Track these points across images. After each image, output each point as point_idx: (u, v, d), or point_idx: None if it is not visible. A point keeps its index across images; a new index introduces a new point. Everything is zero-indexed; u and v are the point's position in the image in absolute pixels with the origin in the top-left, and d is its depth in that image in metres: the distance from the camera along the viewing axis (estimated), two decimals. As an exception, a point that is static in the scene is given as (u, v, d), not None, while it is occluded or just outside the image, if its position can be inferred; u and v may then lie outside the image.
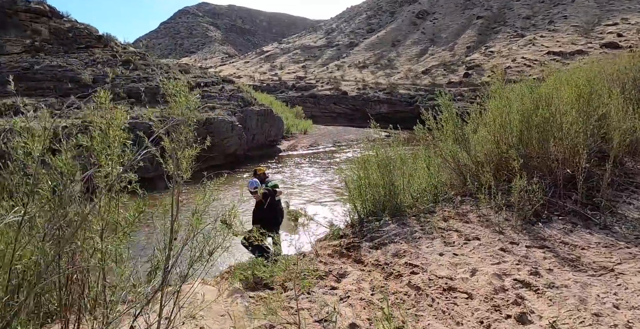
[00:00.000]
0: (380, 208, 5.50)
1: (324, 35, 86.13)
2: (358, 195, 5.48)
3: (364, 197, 5.52)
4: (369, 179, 5.45)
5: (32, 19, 22.68)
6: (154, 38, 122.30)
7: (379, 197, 5.49)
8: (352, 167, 5.93)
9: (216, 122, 16.40)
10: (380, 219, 5.22)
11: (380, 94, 48.18)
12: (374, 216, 5.46)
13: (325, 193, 11.62)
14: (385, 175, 5.44)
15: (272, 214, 5.40)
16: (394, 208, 5.29)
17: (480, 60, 53.54)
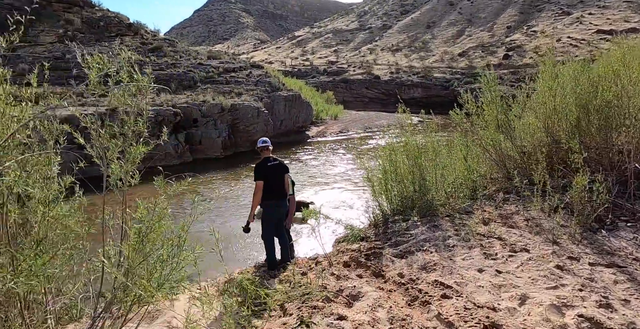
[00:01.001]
0: (408, 206, 4.82)
1: (356, 18, 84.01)
2: (383, 190, 4.82)
3: (389, 193, 4.85)
4: (396, 172, 4.78)
5: (65, 9, 22.95)
6: (188, 26, 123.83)
7: (407, 193, 4.81)
8: (378, 157, 5.26)
9: (241, 108, 15.98)
10: (407, 218, 4.56)
11: (414, 77, 46.51)
12: (400, 214, 4.79)
13: (350, 184, 10.97)
14: (415, 168, 4.74)
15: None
16: (425, 206, 4.60)
17: (521, 40, 50.47)
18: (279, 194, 4.68)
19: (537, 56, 43.69)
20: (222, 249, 6.64)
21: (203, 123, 14.93)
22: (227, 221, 8.42)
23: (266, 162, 4.72)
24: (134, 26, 23.85)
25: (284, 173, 4.86)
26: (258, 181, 4.51)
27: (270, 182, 4.59)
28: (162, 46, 22.05)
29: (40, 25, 21.03)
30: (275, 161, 4.82)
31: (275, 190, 4.63)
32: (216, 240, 2.55)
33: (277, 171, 4.77)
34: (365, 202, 8.17)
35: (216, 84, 18.82)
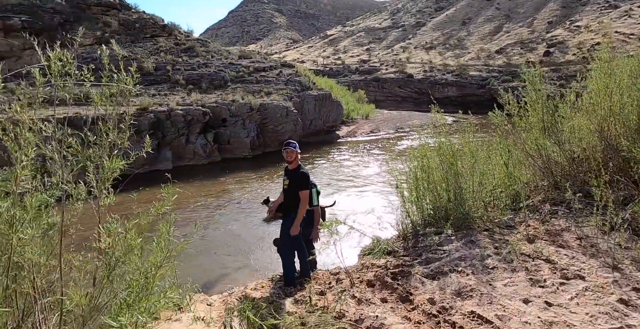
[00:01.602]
0: (441, 216, 4.40)
1: (389, 16, 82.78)
2: (414, 199, 4.42)
3: (420, 201, 4.45)
4: (429, 179, 4.37)
5: (103, 12, 23.66)
6: (223, 27, 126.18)
7: (440, 202, 4.39)
8: (408, 161, 4.86)
9: (270, 107, 15.83)
10: (440, 231, 4.14)
11: (448, 76, 45.19)
12: (432, 226, 4.38)
13: (380, 187, 10.52)
14: (449, 174, 4.31)
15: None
16: (460, 218, 4.17)
17: (563, 36, 48.02)
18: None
19: (582, 52, 41.48)
20: (246, 253, 6.44)
21: (232, 123, 14.88)
22: (255, 223, 8.24)
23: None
24: (168, 27, 24.29)
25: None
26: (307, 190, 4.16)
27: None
28: (194, 46, 22.31)
29: (80, 28, 21.72)
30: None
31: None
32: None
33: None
34: (394, 209, 7.75)
35: (246, 84, 18.80)
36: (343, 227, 3.97)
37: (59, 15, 21.49)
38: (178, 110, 13.57)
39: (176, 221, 2.70)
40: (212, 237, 7.36)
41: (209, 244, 6.98)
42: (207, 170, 13.24)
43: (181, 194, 11.04)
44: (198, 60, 20.38)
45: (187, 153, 13.62)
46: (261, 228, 7.76)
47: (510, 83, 39.38)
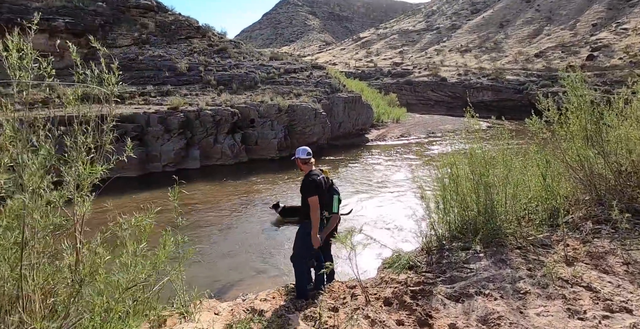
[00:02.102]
0: (469, 230, 4.10)
1: (423, 19, 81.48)
2: (440, 211, 4.13)
3: (447, 213, 4.16)
4: (457, 189, 4.07)
5: (141, 14, 24.39)
6: (257, 29, 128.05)
7: (469, 215, 4.09)
8: (437, 167, 4.58)
9: (298, 109, 15.75)
10: (467, 247, 3.85)
11: (483, 80, 43.86)
12: (459, 240, 4.08)
13: (405, 194, 10.17)
14: (480, 184, 4.00)
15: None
16: (490, 234, 3.85)
17: (609, 39, 45.74)
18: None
19: (630, 57, 39.31)
20: (267, 257, 6.29)
21: (260, 124, 14.90)
22: (278, 226, 8.12)
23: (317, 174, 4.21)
24: (202, 29, 24.74)
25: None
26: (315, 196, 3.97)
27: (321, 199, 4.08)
28: (227, 48, 22.60)
29: (119, 29, 22.48)
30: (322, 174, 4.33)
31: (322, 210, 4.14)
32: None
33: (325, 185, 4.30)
34: (419, 219, 7.40)
35: (276, 85, 18.84)
36: (361, 236, 3.75)
37: (100, 17, 22.29)
38: (207, 110, 13.70)
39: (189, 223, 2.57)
40: (235, 239, 7.29)
41: (230, 246, 6.91)
42: (233, 170, 13.29)
43: (207, 194, 11.16)
44: (230, 62, 20.60)
45: (214, 153, 13.72)
46: (285, 232, 7.62)
47: (550, 88, 37.78)
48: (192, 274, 5.62)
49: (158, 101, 15.19)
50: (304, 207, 3.98)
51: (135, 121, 12.73)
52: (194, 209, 9.14)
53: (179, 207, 8.63)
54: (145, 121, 12.86)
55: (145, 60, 19.56)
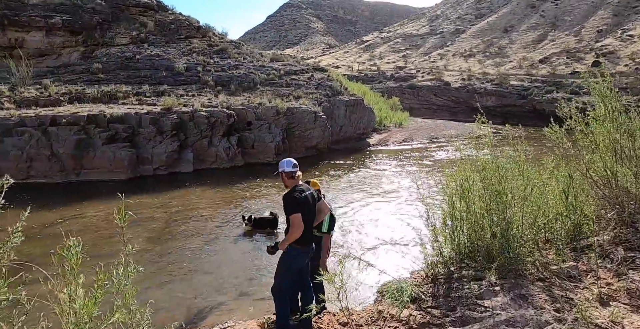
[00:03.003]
0: (482, 254, 3.57)
1: (427, 23, 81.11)
2: (448, 234, 3.60)
3: (456, 236, 3.63)
4: (468, 209, 3.54)
5: (140, 13, 23.99)
6: (261, 31, 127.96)
7: (482, 239, 3.56)
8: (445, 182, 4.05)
9: (298, 112, 15.24)
10: (480, 276, 3.31)
11: (487, 85, 43.35)
12: (470, 266, 3.55)
13: (408, 205, 9.59)
14: (495, 203, 3.48)
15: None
16: (507, 262, 3.32)
17: (615, 46, 45.32)
18: (311, 236, 3.68)
19: (635, 63, 38.83)
20: (252, 278, 5.69)
21: (257, 126, 14.40)
22: (266, 239, 7.55)
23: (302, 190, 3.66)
24: (203, 29, 24.31)
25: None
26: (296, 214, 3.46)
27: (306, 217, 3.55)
28: (227, 48, 22.16)
29: (117, 27, 22.06)
30: (309, 190, 3.76)
31: (309, 230, 3.61)
32: None
33: (313, 202, 3.74)
34: (422, 238, 6.79)
35: (276, 87, 18.36)
36: (353, 259, 3.23)
37: (98, 15, 21.88)
38: (202, 111, 13.21)
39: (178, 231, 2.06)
40: (221, 253, 6.72)
41: (215, 260, 6.35)
42: (228, 174, 12.77)
43: (199, 199, 10.60)
44: (229, 62, 20.14)
45: (209, 156, 13.22)
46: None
47: (555, 94, 37.34)
48: (170, 294, 5.09)
49: (152, 101, 14.71)
50: (289, 227, 3.48)
51: (126, 121, 12.25)
52: (183, 216, 8.59)
53: (165, 215, 8.09)
54: (137, 121, 12.38)
55: (143, 60, 19.11)
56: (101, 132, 11.77)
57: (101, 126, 12.01)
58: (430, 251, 3.76)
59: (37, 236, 7.14)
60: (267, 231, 7.76)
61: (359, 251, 6.18)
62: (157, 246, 6.73)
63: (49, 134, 11.35)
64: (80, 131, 11.62)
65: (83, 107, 13.10)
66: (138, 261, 6.19)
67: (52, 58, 20.87)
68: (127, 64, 18.71)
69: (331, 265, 4.54)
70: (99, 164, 11.65)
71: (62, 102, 14.15)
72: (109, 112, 12.37)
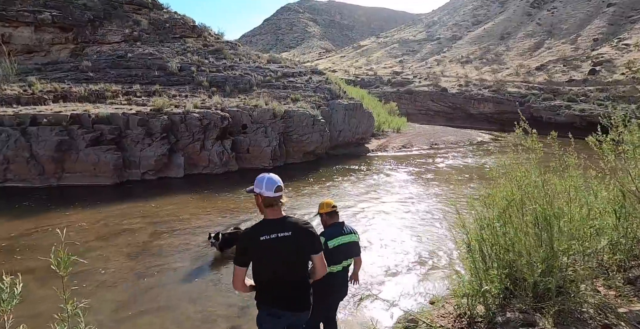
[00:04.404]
0: (525, 291, 2.92)
1: (424, 29, 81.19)
2: (487, 263, 2.93)
3: (497, 267, 2.96)
4: (513, 246, 2.86)
5: (134, 10, 23.27)
6: (258, 34, 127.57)
7: (529, 273, 2.89)
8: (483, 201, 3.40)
9: (295, 115, 14.57)
10: (530, 321, 2.65)
11: (484, 91, 43.03)
12: (512, 305, 2.88)
13: (417, 217, 8.92)
14: (545, 235, 2.82)
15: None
16: (562, 302, 2.66)
17: (611, 54, 45.41)
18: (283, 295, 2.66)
19: (632, 72, 38.73)
20: (240, 304, 4.85)
21: (253, 130, 13.69)
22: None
23: (271, 228, 2.56)
24: (198, 28, 23.62)
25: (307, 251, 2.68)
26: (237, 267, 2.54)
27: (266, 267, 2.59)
28: (222, 48, 21.46)
29: (109, 25, 21.29)
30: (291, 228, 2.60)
31: (277, 285, 2.62)
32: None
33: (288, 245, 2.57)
34: (441, 258, 6.12)
35: (273, 89, 17.68)
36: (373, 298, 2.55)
37: (90, 12, 21.11)
38: (195, 113, 12.48)
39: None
40: (206, 276, 5.88)
41: (202, 285, 5.54)
42: (221, 180, 12.02)
43: (189, 208, 9.79)
44: (224, 63, 19.45)
45: (201, 160, 12.48)
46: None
47: (552, 101, 37.12)
48: (151, 327, 4.36)
49: (142, 101, 13.96)
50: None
51: (112, 122, 11.49)
52: (170, 228, 7.82)
53: (151, 227, 7.31)
54: (124, 122, 11.60)
55: (135, 58, 18.36)
56: (85, 134, 10.97)
57: (85, 127, 11.21)
58: (459, 282, 3.09)
59: (2, 249, 6.38)
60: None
61: (372, 278, 5.49)
62: (139, 265, 5.98)
63: (29, 134, 10.54)
64: (62, 132, 10.80)
65: (67, 107, 12.32)
66: (116, 283, 5.47)
67: (41, 55, 20.07)
68: (118, 62, 17.95)
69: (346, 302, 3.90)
70: (82, 167, 10.84)
71: (47, 101, 13.36)
72: (94, 112, 11.59)
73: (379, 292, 4.87)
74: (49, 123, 10.82)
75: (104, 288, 5.15)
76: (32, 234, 7.14)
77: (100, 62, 18.23)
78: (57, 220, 7.99)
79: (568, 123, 33.82)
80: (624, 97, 35.04)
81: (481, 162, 16.57)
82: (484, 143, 24.50)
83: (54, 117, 11.01)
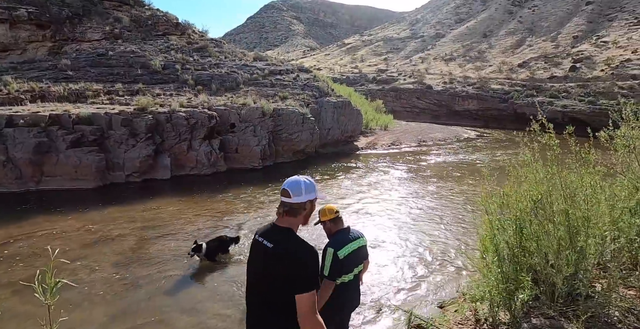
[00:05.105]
0: (547, 295, 2.75)
1: (407, 27, 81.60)
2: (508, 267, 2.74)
3: (518, 271, 2.78)
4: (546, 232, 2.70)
5: (115, 7, 22.59)
6: (241, 32, 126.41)
7: (555, 281, 2.71)
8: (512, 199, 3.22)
9: (285, 113, 14.28)
10: (558, 327, 2.47)
11: (468, 88, 43.39)
12: (534, 310, 2.71)
13: (416, 217, 8.74)
14: (573, 234, 2.65)
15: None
16: (590, 306, 2.49)
17: (590, 51, 46.32)
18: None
19: (611, 68, 39.53)
20: (238, 315, 4.47)
21: (241, 129, 13.36)
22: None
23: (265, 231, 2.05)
24: (182, 26, 23.07)
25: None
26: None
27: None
28: (207, 46, 21.00)
29: (89, 22, 20.61)
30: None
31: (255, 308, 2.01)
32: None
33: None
34: (445, 256, 5.92)
35: (260, 87, 17.34)
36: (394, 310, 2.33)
37: (68, 8, 20.39)
38: (181, 112, 12.09)
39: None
40: (199, 285, 5.53)
41: (195, 293, 5.20)
42: (210, 182, 11.66)
43: (176, 212, 9.35)
44: (210, 60, 19.01)
45: (188, 161, 12.10)
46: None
47: (535, 98, 37.61)
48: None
49: (125, 100, 13.48)
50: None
51: (94, 122, 11.02)
52: (158, 233, 7.43)
53: (138, 232, 6.94)
54: (107, 122, 11.14)
55: (116, 56, 17.78)
56: (65, 135, 10.48)
57: (65, 128, 10.71)
58: (476, 286, 2.90)
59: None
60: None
61: (383, 284, 5.30)
62: (127, 274, 5.62)
63: (5, 136, 10.00)
64: (41, 133, 10.28)
65: (46, 107, 11.78)
66: (103, 293, 5.14)
67: (17, 53, 19.28)
68: (99, 60, 17.36)
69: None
70: (62, 170, 10.35)
71: (24, 101, 12.78)
72: (75, 112, 11.09)
73: (392, 297, 4.68)
74: (27, 124, 10.30)
75: (92, 301, 4.82)
76: (9, 243, 6.70)
77: (80, 60, 17.60)
78: (36, 227, 7.55)
79: (550, 119, 34.40)
80: (604, 93, 35.78)
81: (472, 159, 16.59)
82: (471, 139, 24.60)
83: (31, 118, 10.48)
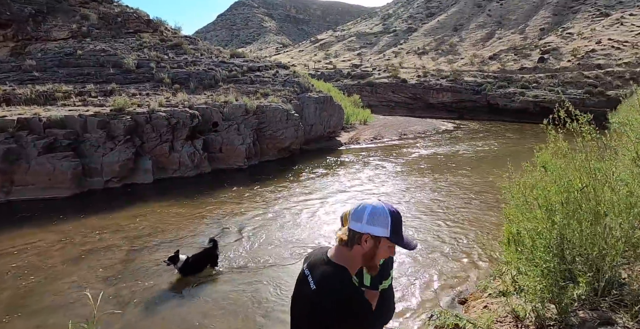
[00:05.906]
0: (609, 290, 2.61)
1: (380, 22, 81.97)
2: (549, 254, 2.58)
3: (573, 271, 2.62)
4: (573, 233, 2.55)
5: (81, 4, 21.54)
6: (212, 30, 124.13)
7: (606, 272, 2.58)
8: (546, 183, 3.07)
9: (268, 110, 13.93)
10: (607, 319, 2.34)
11: (442, 81, 43.98)
12: (578, 302, 2.57)
13: (422, 207, 8.64)
14: (620, 223, 2.53)
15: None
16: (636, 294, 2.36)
17: (557, 43, 47.80)
18: None
19: (577, 59, 40.82)
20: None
21: (225, 127, 12.93)
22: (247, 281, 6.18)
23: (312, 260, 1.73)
24: (154, 23, 22.25)
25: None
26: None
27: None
28: (182, 43, 20.33)
29: (54, 20, 19.57)
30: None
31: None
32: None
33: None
34: (462, 247, 5.80)
35: (240, 84, 16.90)
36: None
37: (31, 6, 19.29)
38: (161, 112, 11.57)
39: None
40: (200, 298, 5.10)
41: (192, 313, 4.74)
42: (195, 184, 11.20)
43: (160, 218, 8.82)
44: (186, 58, 18.40)
45: (171, 163, 11.59)
46: (280, 289, 5.26)
47: (507, 89, 38.43)
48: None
49: (99, 101, 12.81)
50: None
51: (67, 125, 10.37)
52: (145, 243, 6.94)
53: (124, 242, 6.36)
54: (82, 125, 10.49)
55: (86, 55, 16.94)
56: (36, 140, 9.77)
57: (36, 132, 9.98)
58: (511, 280, 2.75)
59: None
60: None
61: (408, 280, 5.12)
62: (120, 291, 5.18)
63: (-31, 143, 9.30)
64: (9, 139, 9.50)
65: (12, 110, 11.03)
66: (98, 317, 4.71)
67: (-26, 55, 18.12)
68: (67, 60, 16.50)
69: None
70: (34, 178, 9.61)
71: (-12, 105, 11.97)
72: (45, 116, 10.39)
73: (411, 293, 4.54)
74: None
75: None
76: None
77: (47, 60, 16.69)
78: (8, 243, 6.89)
79: (522, 109, 35.27)
80: (572, 82, 36.93)
81: (456, 150, 16.76)
82: (450, 131, 24.91)
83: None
